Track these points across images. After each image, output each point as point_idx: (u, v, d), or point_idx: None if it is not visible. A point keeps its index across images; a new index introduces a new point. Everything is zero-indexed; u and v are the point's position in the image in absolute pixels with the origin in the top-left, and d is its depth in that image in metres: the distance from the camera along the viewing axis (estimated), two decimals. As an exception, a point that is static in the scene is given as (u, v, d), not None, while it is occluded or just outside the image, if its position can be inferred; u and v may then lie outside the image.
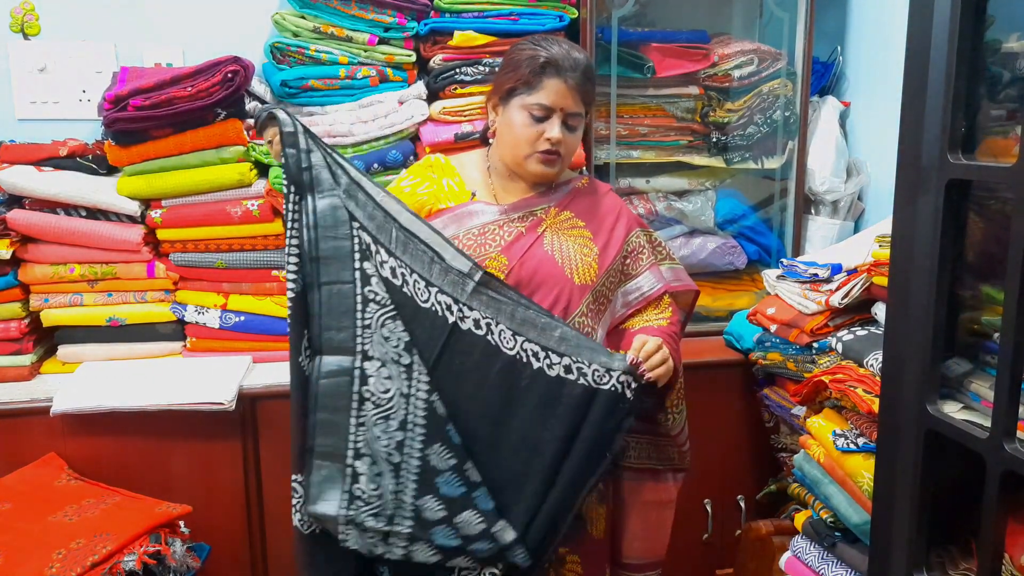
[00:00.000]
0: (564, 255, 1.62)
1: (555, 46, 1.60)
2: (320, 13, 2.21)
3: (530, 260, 1.60)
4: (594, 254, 1.65)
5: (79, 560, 1.63)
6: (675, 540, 2.32)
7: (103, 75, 2.38)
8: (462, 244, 1.58)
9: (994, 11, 1.25)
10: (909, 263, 1.34)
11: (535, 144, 1.59)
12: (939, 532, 1.41)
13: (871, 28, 2.51)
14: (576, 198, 1.70)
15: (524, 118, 1.59)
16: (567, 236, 1.65)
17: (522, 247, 1.61)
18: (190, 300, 2.22)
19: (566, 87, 1.57)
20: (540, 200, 1.67)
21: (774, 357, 2.15)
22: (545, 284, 1.59)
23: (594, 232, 1.67)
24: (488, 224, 1.62)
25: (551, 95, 1.57)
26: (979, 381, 1.38)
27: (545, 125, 1.58)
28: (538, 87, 1.57)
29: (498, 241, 1.60)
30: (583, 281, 1.62)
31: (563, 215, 1.67)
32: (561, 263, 1.61)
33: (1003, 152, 1.31)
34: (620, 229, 1.71)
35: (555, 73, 1.57)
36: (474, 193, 1.67)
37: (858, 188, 2.51)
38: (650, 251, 1.75)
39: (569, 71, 1.57)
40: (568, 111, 1.59)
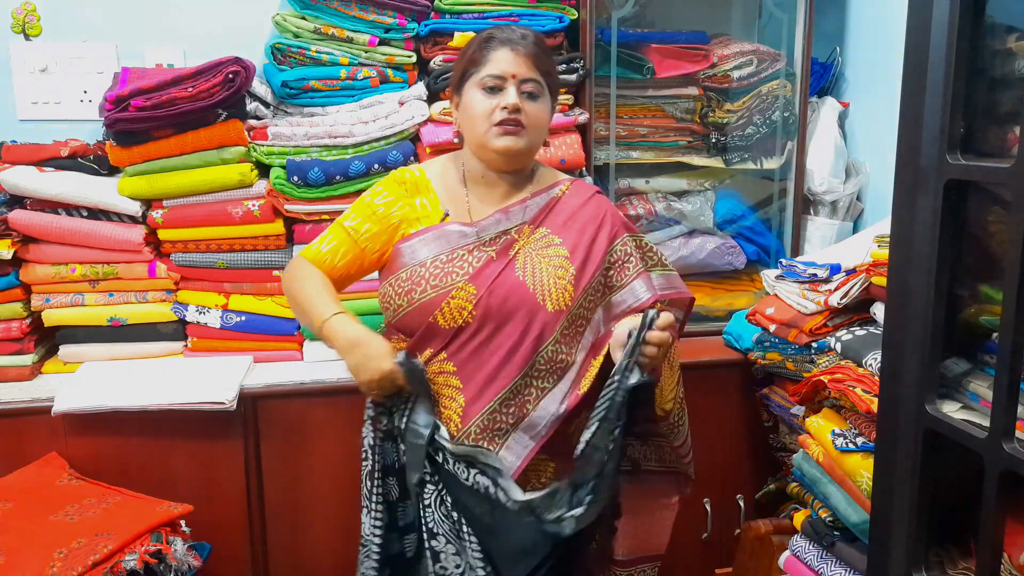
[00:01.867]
0: (536, 279, 1.52)
1: (503, 27, 1.58)
2: (321, 14, 2.21)
3: (499, 288, 1.51)
4: (570, 275, 1.54)
5: (80, 559, 1.64)
6: (675, 539, 2.32)
7: (104, 76, 2.38)
8: (430, 273, 1.52)
9: (994, 11, 1.26)
10: (908, 263, 1.35)
11: (492, 116, 1.52)
12: (938, 531, 1.41)
13: (870, 29, 2.52)
14: (555, 209, 1.61)
15: (479, 95, 1.53)
16: (541, 257, 1.55)
17: (491, 275, 1.52)
18: (191, 300, 2.22)
19: (514, 54, 1.52)
20: (514, 215, 1.58)
21: (773, 357, 2.16)
22: (516, 313, 1.51)
23: (572, 249, 1.57)
24: (457, 249, 1.54)
25: (500, 63, 1.52)
26: (978, 381, 1.39)
27: (500, 95, 1.52)
28: (485, 61, 1.53)
29: (466, 268, 1.52)
30: (557, 307, 1.52)
31: (538, 232, 1.58)
32: (533, 289, 1.52)
33: (1002, 152, 1.31)
34: (602, 240, 1.60)
35: (500, 44, 1.53)
36: (447, 213, 1.59)
37: (857, 188, 2.52)
38: (639, 258, 1.64)
39: (516, 40, 1.53)
40: (522, 77, 1.52)
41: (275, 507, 2.13)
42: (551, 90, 1.59)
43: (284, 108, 2.26)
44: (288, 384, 2.10)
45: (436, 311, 1.50)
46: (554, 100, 1.61)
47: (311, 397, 2.11)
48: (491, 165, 1.59)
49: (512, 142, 1.53)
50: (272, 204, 2.17)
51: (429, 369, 1.53)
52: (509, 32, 1.56)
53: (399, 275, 1.55)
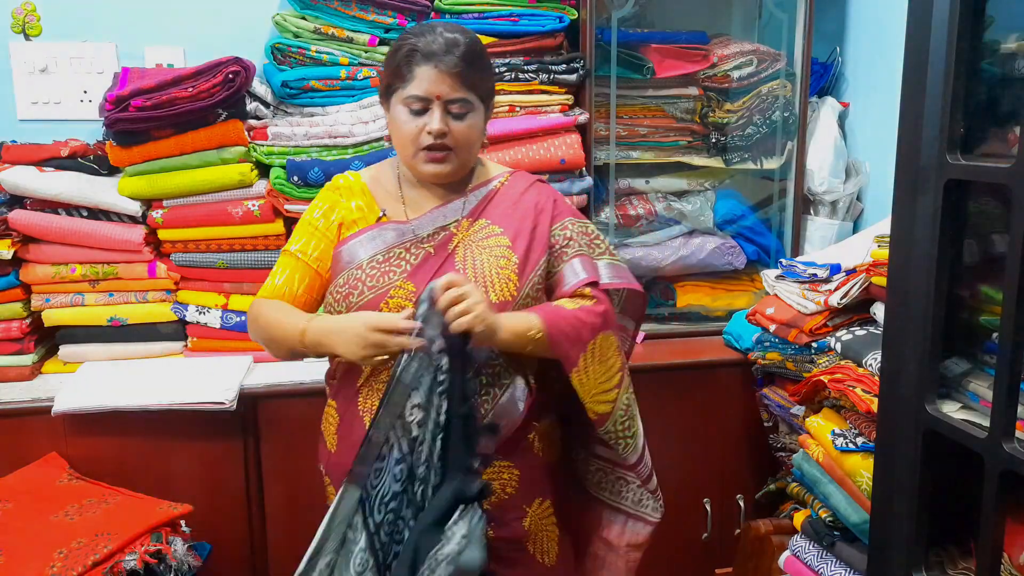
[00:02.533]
0: (478, 271, 1.47)
1: (428, 33, 1.45)
2: (321, 14, 2.21)
3: None
4: (513, 264, 1.48)
5: (80, 559, 1.64)
6: (674, 539, 2.34)
7: (104, 76, 2.38)
8: (366, 275, 1.46)
9: (993, 11, 1.26)
10: (908, 263, 1.35)
11: (418, 140, 1.45)
12: (938, 531, 1.41)
13: (870, 29, 2.52)
14: (493, 201, 1.55)
15: (404, 114, 1.45)
16: (482, 249, 1.49)
17: (430, 270, 1.46)
18: (191, 300, 2.22)
19: (438, 72, 1.42)
20: (452, 211, 1.53)
21: (773, 357, 2.16)
22: None
23: (513, 237, 1.51)
24: (394, 247, 1.49)
25: (423, 83, 1.42)
26: (978, 381, 1.39)
27: (425, 117, 1.44)
28: (410, 78, 1.43)
29: (403, 267, 1.47)
30: (501, 298, 1.46)
31: (478, 224, 1.53)
32: (474, 282, 1.45)
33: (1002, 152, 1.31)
34: (543, 225, 1.54)
35: (424, 60, 1.42)
36: (384, 212, 1.53)
37: (857, 188, 2.52)
38: (583, 244, 1.57)
39: (440, 55, 1.42)
40: (447, 98, 1.43)
41: (275, 507, 2.13)
42: (484, 100, 1.51)
43: (284, 108, 2.26)
44: (288, 384, 2.10)
45: None
46: (488, 107, 1.53)
47: (311, 397, 2.10)
48: (421, 180, 1.55)
49: (439, 168, 1.48)
50: (272, 204, 2.17)
51: (378, 378, 1.47)
52: (433, 42, 1.43)
53: (337, 281, 1.49)
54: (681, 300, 2.52)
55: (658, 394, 2.29)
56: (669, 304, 2.54)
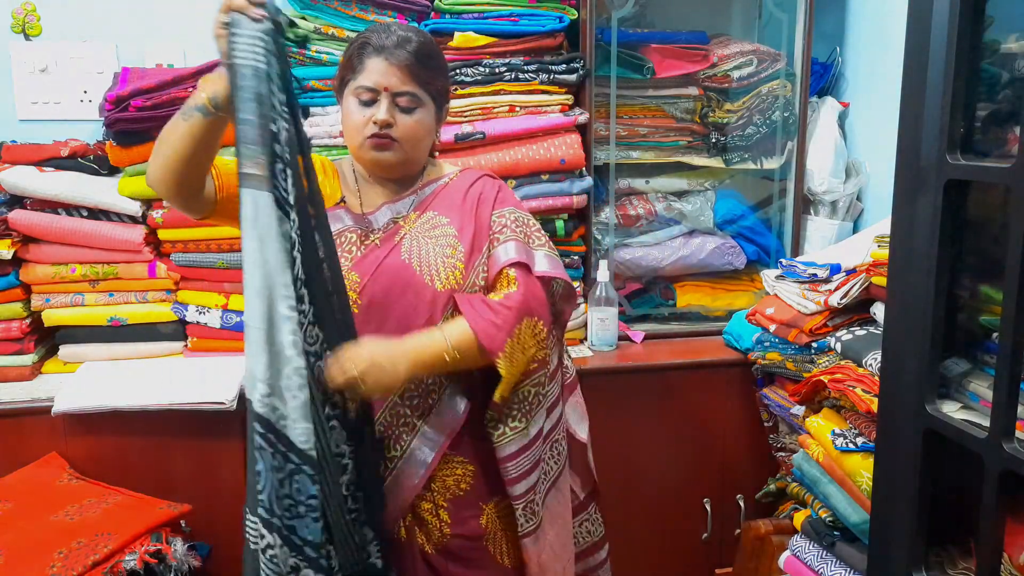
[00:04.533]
0: (423, 260, 1.49)
1: (382, 30, 1.49)
2: (320, 14, 2.21)
3: (383, 274, 1.48)
4: (460, 254, 1.50)
5: (80, 559, 1.64)
6: (674, 539, 2.34)
7: (104, 76, 2.38)
8: None
9: (993, 11, 1.26)
10: (908, 263, 1.35)
11: (364, 130, 1.48)
12: (938, 531, 1.41)
13: (870, 29, 2.52)
14: (441, 194, 1.58)
15: (354, 104, 1.49)
16: (428, 238, 1.52)
17: (374, 261, 1.49)
18: (191, 300, 2.22)
19: (387, 64, 1.45)
20: (401, 206, 1.56)
21: (773, 357, 2.16)
22: (403, 296, 1.47)
23: (460, 227, 1.53)
24: (345, 231, 1.52)
25: (372, 75, 1.46)
26: (978, 381, 1.39)
27: (373, 108, 1.47)
28: (360, 69, 1.47)
29: (349, 258, 1.49)
30: (447, 286, 1.48)
31: (425, 216, 1.55)
32: (420, 271, 1.48)
33: (1002, 152, 1.31)
34: (484, 213, 1.56)
35: (375, 52, 1.46)
36: (343, 198, 1.57)
37: (857, 188, 2.52)
38: (521, 234, 1.56)
39: (391, 49, 1.46)
40: (395, 90, 1.46)
41: (275, 507, 2.12)
42: (435, 98, 1.52)
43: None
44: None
45: None
46: (440, 107, 1.55)
47: (311, 397, 2.10)
48: (369, 173, 1.58)
49: (382, 156, 1.49)
50: (272, 204, 2.17)
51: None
52: (386, 37, 1.47)
53: None
54: (681, 300, 2.52)
55: (658, 394, 2.29)
56: (669, 304, 2.54)
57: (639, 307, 2.54)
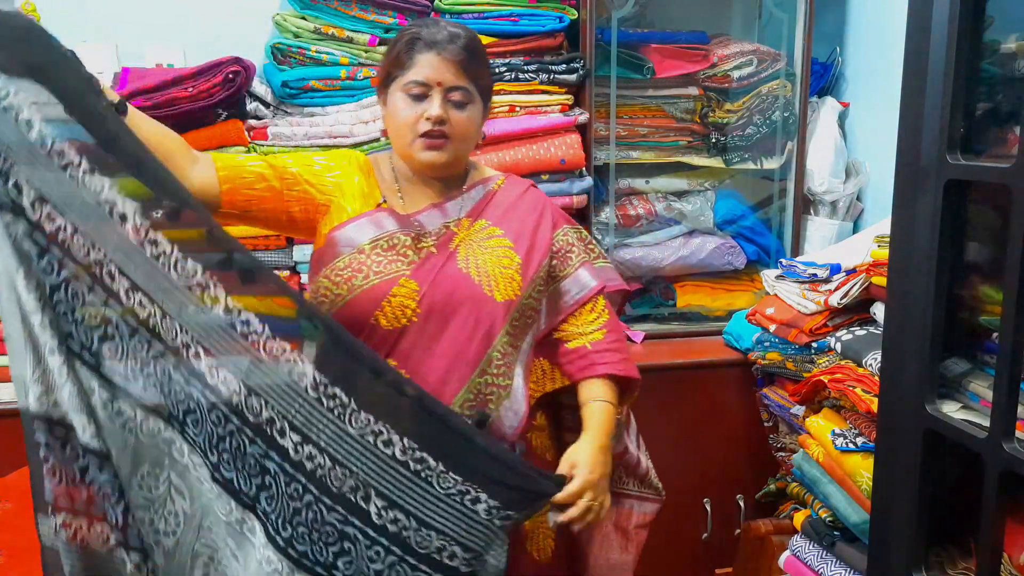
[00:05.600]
0: (481, 271, 1.45)
1: (431, 24, 1.46)
2: (321, 14, 2.21)
3: (443, 283, 1.43)
4: (516, 265, 1.48)
5: (81, 559, 1.63)
6: (674, 539, 2.34)
7: (104, 76, 2.37)
8: (371, 260, 1.42)
9: (993, 11, 1.26)
10: (908, 263, 1.35)
11: (416, 127, 1.43)
12: (938, 531, 1.41)
13: (870, 29, 2.52)
14: (492, 202, 1.55)
15: (403, 101, 1.44)
16: (483, 248, 1.48)
17: (433, 268, 1.44)
18: (191, 300, 2.22)
19: (440, 59, 1.42)
20: (450, 209, 1.52)
21: (773, 357, 2.16)
22: (463, 307, 1.43)
23: (515, 239, 1.51)
24: (393, 236, 1.45)
25: (424, 69, 1.42)
26: (978, 381, 1.39)
27: (425, 104, 1.43)
28: (411, 65, 1.43)
29: (409, 259, 1.44)
30: (506, 297, 1.45)
31: (478, 224, 1.51)
32: (478, 280, 1.44)
33: (1002, 152, 1.31)
34: (545, 229, 1.55)
35: (426, 47, 1.43)
36: (384, 199, 1.50)
37: (857, 188, 2.52)
38: (581, 249, 1.60)
39: (443, 43, 1.43)
40: (448, 85, 1.43)
41: (275, 507, 2.12)
42: (482, 95, 1.50)
43: (284, 108, 2.26)
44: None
45: (377, 311, 1.40)
46: (486, 104, 1.53)
47: (311, 397, 2.10)
48: (416, 172, 1.53)
49: (436, 156, 1.46)
50: (272, 204, 2.17)
51: None
52: (436, 32, 1.44)
53: (335, 264, 1.43)
54: (681, 300, 2.53)
55: (658, 394, 2.29)
56: (669, 304, 2.54)
57: (639, 307, 2.54)
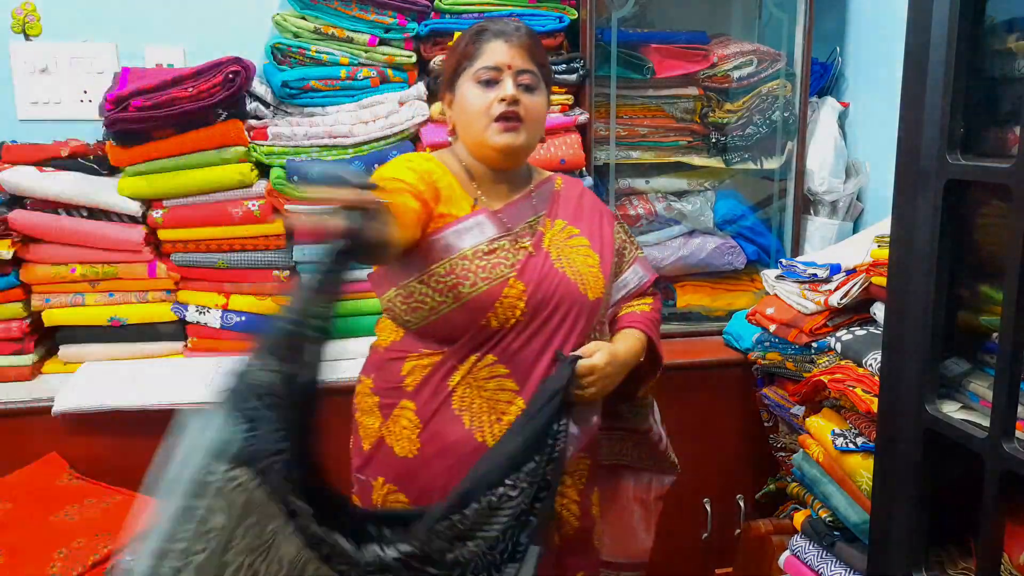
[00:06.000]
0: (574, 270, 1.51)
1: (496, 20, 1.53)
2: (321, 14, 2.21)
3: (546, 281, 1.47)
4: (597, 263, 1.55)
5: (80, 559, 1.64)
6: (674, 539, 2.33)
7: (104, 76, 2.38)
8: (475, 265, 1.43)
9: (993, 11, 1.26)
10: (908, 263, 1.35)
11: (489, 111, 1.46)
12: (938, 531, 1.42)
13: (870, 29, 2.52)
14: (560, 203, 1.60)
15: (474, 89, 1.48)
16: (569, 248, 1.54)
17: (535, 268, 1.48)
18: (191, 300, 2.22)
19: (508, 46, 1.47)
20: (528, 205, 1.55)
21: (773, 357, 2.16)
22: (563, 305, 1.48)
23: (589, 237, 1.58)
24: (495, 240, 1.47)
25: (495, 55, 1.47)
26: (978, 381, 1.39)
27: (497, 88, 1.47)
28: (479, 53, 1.48)
29: (511, 260, 1.46)
30: (595, 295, 1.52)
31: (558, 224, 1.56)
32: (574, 279, 1.50)
33: (1002, 152, 1.31)
34: (607, 228, 1.63)
35: (494, 36, 1.48)
36: (475, 200, 1.51)
37: (857, 188, 2.52)
38: (631, 244, 1.70)
39: (509, 32, 1.49)
40: (518, 68, 1.47)
41: (275, 507, 2.12)
42: (546, 83, 1.55)
43: (284, 108, 2.26)
44: (288, 384, 2.09)
45: (490, 313, 1.42)
46: (549, 94, 1.58)
47: (311, 397, 2.10)
48: (489, 163, 1.53)
49: (512, 138, 1.48)
50: (272, 204, 2.17)
51: (478, 375, 1.45)
52: (502, 24, 1.51)
53: (435, 270, 1.43)
54: (681, 300, 2.52)
55: (658, 394, 2.29)
56: (669, 304, 2.54)
57: (639, 307, 2.54)
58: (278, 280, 2.22)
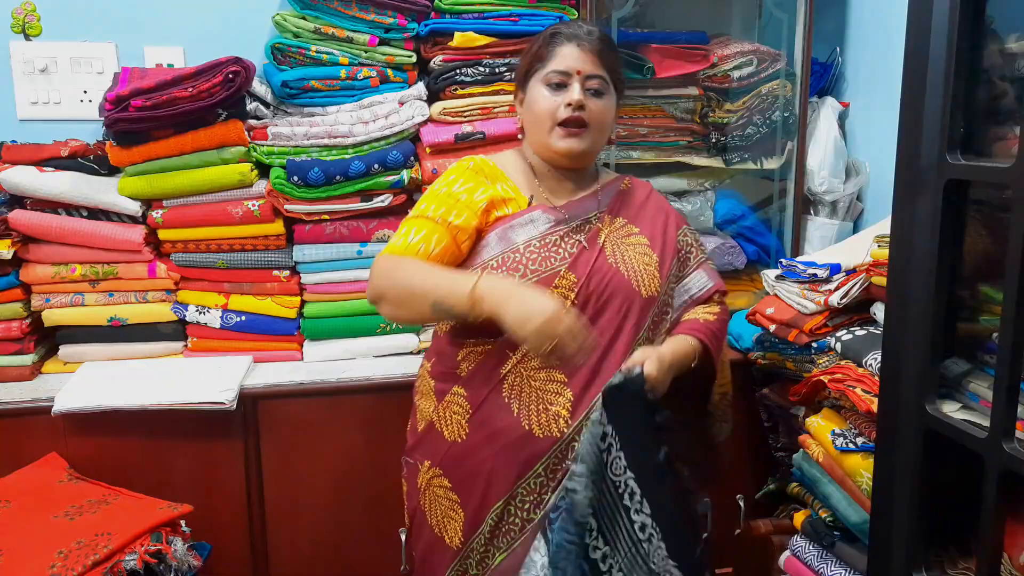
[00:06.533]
0: (628, 266, 1.55)
1: (570, 23, 1.57)
2: (321, 14, 2.21)
3: (597, 274, 1.52)
4: (655, 262, 1.58)
5: (80, 559, 1.64)
6: (675, 539, 2.33)
7: (104, 75, 2.38)
8: (527, 258, 1.50)
9: (993, 11, 1.26)
10: (908, 263, 1.35)
11: (555, 114, 1.52)
12: (938, 531, 1.42)
13: (870, 29, 2.52)
14: (624, 201, 1.64)
15: (543, 91, 1.53)
16: (626, 245, 1.58)
17: (587, 261, 1.52)
18: (191, 300, 2.22)
19: (579, 50, 1.51)
20: (591, 203, 1.60)
21: (773, 357, 2.16)
22: (615, 297, 1.52)
23: (650, 238, 1.61)
24: (548, 235, 1.53)
25: (565, 59, 1.51)
26: (978, 381, 1.39)
27: (565, 93, 1.51)
28: (551, 56, 1.53)
29: (562, 254, 1.52)
30: (649, 293, 1.55)
31: (617, 222, 1.60)
32: (627, 275, 1.54)
33: (1002, 152, 1.31)
34: (671, 231, 1.65)
35: (566, 39, 1.52)
36: (531, 198, 1.57)
37: (857, 188, 2.52)
38: (698, 249, 1.71)
39: (582, 36, 1.53)
40: (587, 73, 1.51)
41: (275, 507, 2.13)
42: (616, 87, 1.57)
43: (284, 108, 2.26)
44: (288, 384, 2.10)
45: None
46: (620, 97, 1.60)
47: (311, 397, 2.11)
48: (553, 164, 1.59)
49: (575, 144, 1.52)
50: (272, 204, 2.17)
51: (528, 365, 1.49)
52: (575, 28, 1.55)
53: (489, 264, 1.50)
54: (681, 300, 2.52)
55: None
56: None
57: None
58: (278, 280, 2.22)
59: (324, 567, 2.17)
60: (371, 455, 2.11)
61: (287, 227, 2.22)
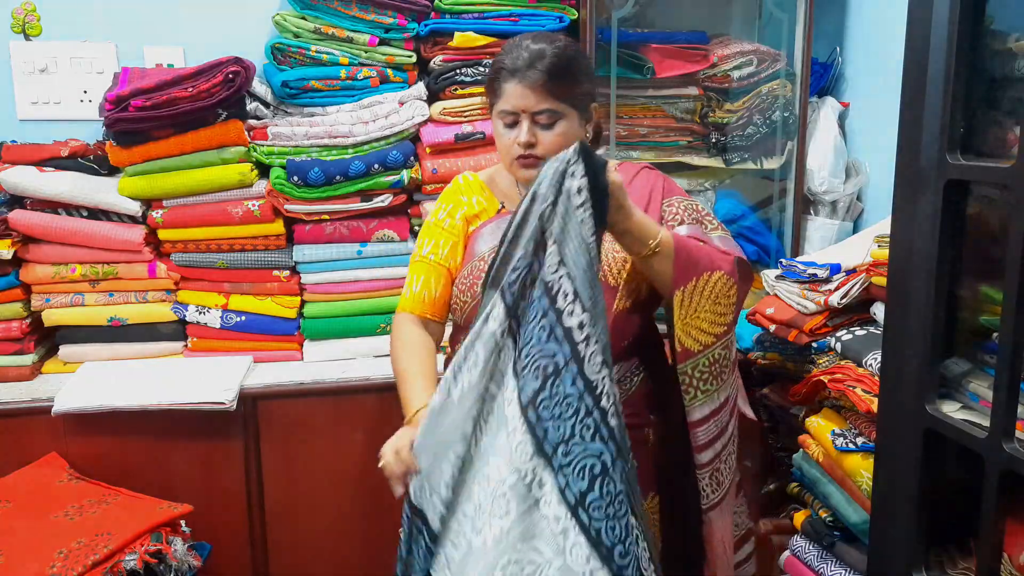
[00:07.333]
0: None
1: (514, 49, 1.53)
2: (321, 14, 2.21)
3: None
4: None
5: (80, 559, 1.64)
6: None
7: (104, 75, 2.38)
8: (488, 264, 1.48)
9: (993, 11, 1.26)
10: (908, 263, 1.35)
11: (511, 151, 1.55)
12: (938, 531, 1.42)
13: (870, 29, 2.52)
14: None
15: (500, 127, 1.56)
16: None
17: None
18: (191, 300, 2.22)
19: (522, 87, 1.50)
20: None
21: (773, 357, 2.16)
22: None
23: None
24: None
25: (510, 99, 1.51)
26: (978, 381, 1.39)
27: (516, 130, 1.53)
28: (500, 93, 1.53)
29: None
30: (617, 281, 1.56)
31: None
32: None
33: (1002, 152, 1.31)
34: (655, 204, 1.62)
35: (509, 76, 1.51)
36: (503, 204, 1.64)
37: (857, 188, 2.52)
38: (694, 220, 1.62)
39: (524, 70, 1.49)
40: (532, 111, 1.51)
41: (275, 507, 2.13)
42: (576, 104, 1.54)
43: (284, 108, 2.26)
44: (288, 384, 2.10)
45: None
46: (585, 109, 1.57)
47: (311, 397, 2.11)
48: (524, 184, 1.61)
49: (533, 173, 1.49)
50: (272, 204, 2.17)
51: None
52: (518, 59, 1.50)
53: (463, 273, 1.60)
54: (681, 300, 2.52)
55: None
56: (669, 304, 2.53)
57: (639, 307, 2.54)
58: (278, 280, 2.22)
59: (324, 567, 2.17)
60: (371, 455, 2.08)
61: (287, 227, 2.22)
